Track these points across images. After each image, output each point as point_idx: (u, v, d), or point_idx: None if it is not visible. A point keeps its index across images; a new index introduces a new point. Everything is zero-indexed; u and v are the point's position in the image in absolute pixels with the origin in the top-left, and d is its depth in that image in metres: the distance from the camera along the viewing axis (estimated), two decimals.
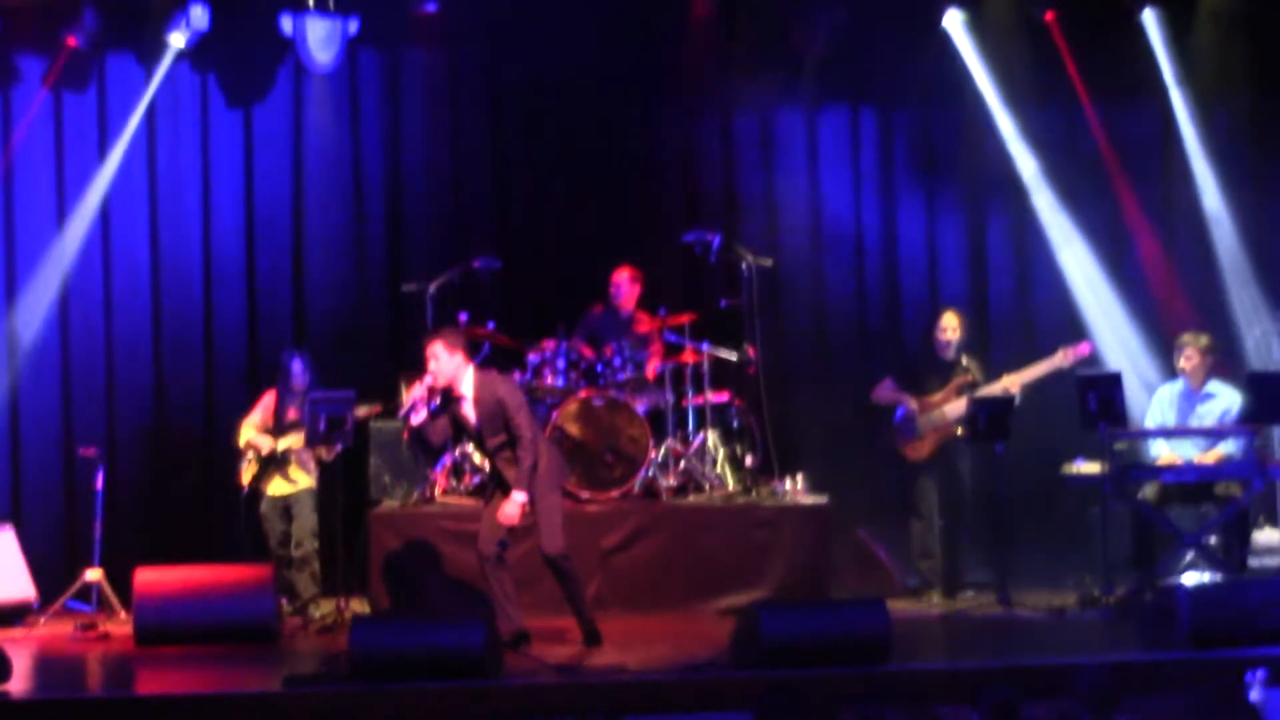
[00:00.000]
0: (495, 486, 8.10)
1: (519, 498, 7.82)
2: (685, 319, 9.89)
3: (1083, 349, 9.19)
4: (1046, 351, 9.29)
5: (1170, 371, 9.41)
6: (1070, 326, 10.42)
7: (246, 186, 10.54)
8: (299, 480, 9.09)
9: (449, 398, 7.98)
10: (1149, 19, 10.45)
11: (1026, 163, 10.60)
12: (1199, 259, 10.65)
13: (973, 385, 9.15)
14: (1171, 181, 10.73)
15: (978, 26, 10.54)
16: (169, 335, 10.42)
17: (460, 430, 8.13)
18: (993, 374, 9.42)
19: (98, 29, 9.98)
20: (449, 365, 7.89)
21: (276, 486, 9.09)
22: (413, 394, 7.92)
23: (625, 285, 10.02)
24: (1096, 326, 10.53)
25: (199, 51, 10.19)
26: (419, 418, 7.91)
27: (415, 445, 8.21)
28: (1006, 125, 10.60)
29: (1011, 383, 9.12)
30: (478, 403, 7.92)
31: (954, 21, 10.51)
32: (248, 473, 9.16)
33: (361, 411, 9.03)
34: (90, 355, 10.28)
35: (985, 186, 10.76)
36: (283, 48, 10.16)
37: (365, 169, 10.65)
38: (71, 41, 9.99)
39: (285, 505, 9.10)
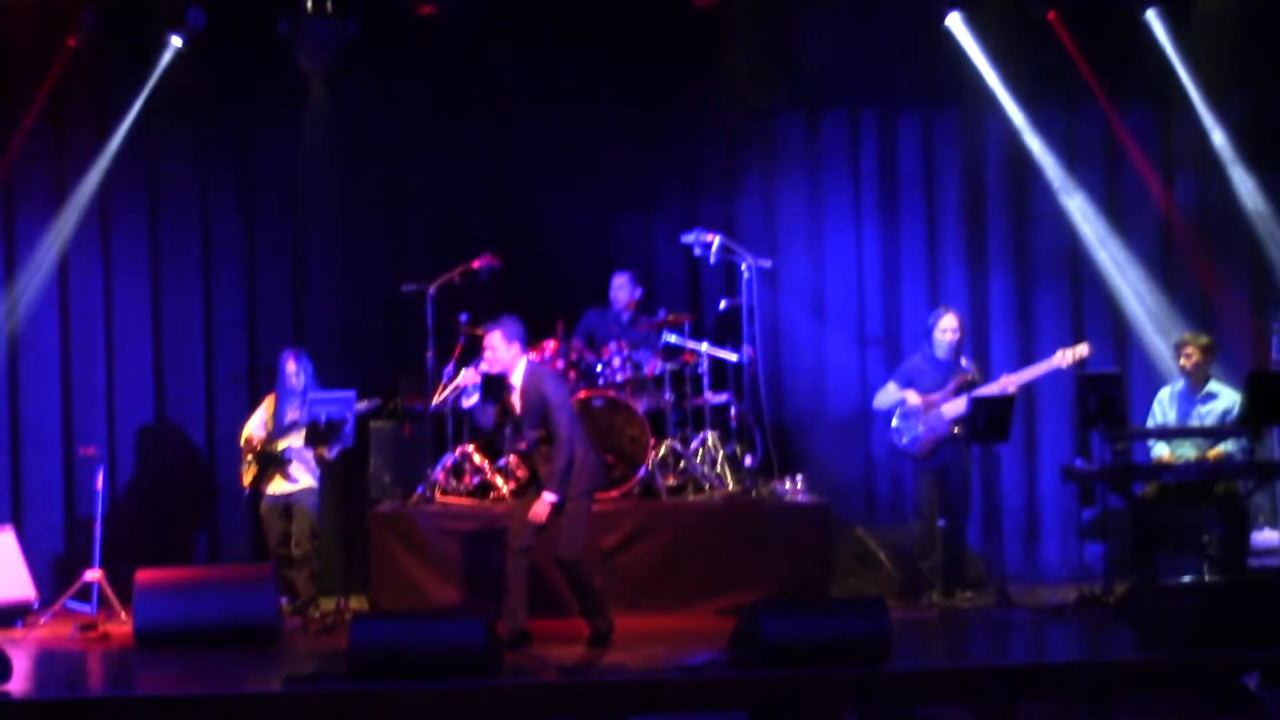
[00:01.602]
0: (530, 481, 8.19)
1: (549, 497, 7.88)
2: (684, 319, 9.90)
3: (1081, 350, 9.19)
4: (1047, 353, 9.29)
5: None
6: (1073, 326, 10.42)
7: (246, 186, 10.55)
8: (300, 480, 9.10)
9: (500, 385, 8.07)
10: (1152, 17, 10.44)
11: (1029, 160, 10.59)
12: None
13: (971, 385, 9.16)
14: (1184, 175, 10.70)
15: (979, 25, 10.54)
16: (169, 334, 10.43)
17: (507, 418, 8.19)
18: (992, 374, 9.43)
19: (97, 29, 9.98)
20: (504, 355, 8.03)
21: (277, 486, 9.10)
22: (464, 378, 8.11)
23: (625, 289, 10.07)
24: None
25: (198, 52, 10.20)
26: (469, 401, 8.08)
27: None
28: (1008, 124, 10.59)
29: (1010, 383, 9.13)
30: (523, 394, 8.04)
31: (955, 21, 10.50)
32: (248, 473, 9.18)
33: (361, 405, 9.06)
34: (90, 355, 10.28)
35: (986, 186, 10.75)
36: (281, 48, 10.15)
37: (365, 169, 10.65)
38: (71, 42, 9.99)
39: (286, 505, 9.10)
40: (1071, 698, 6.77)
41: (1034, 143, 10.56)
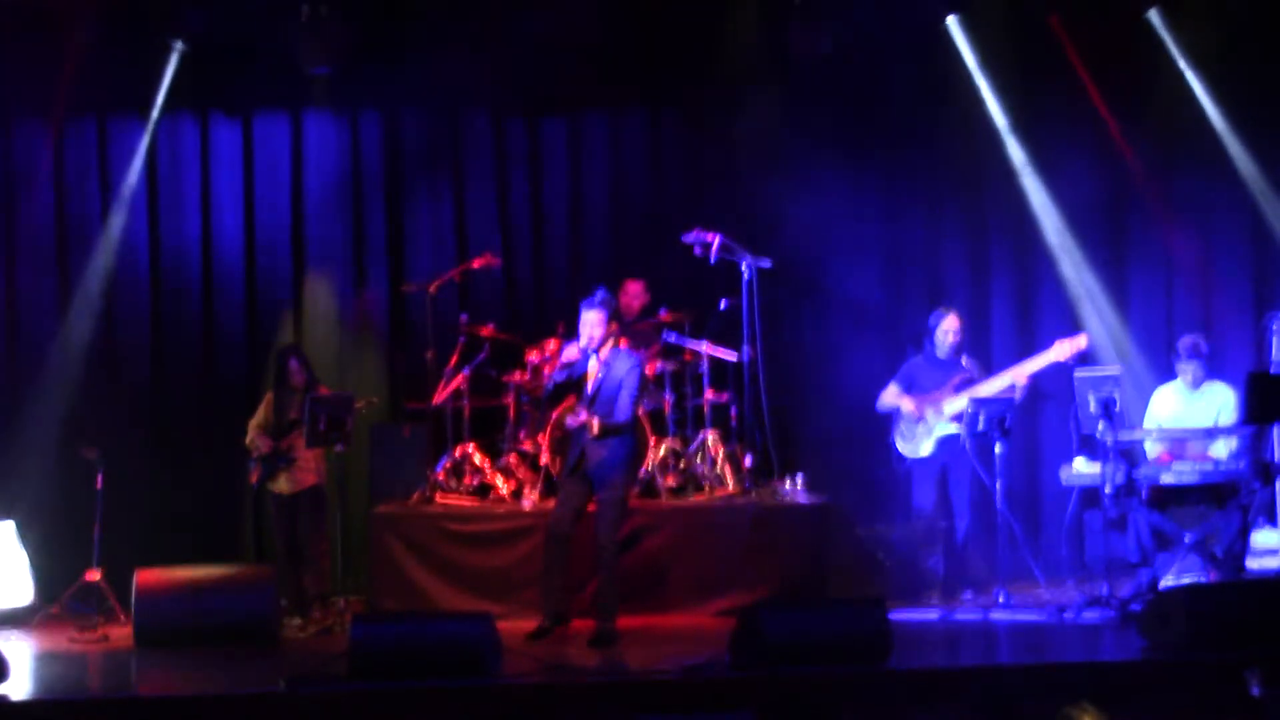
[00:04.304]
0: (576, 469, 8.28)
1: (596, 421, 8.16)
2: (684, 319, 9.90)
3: (1080, 341, 9.19)
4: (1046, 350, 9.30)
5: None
6: (1073, 323, 10.42)
7: (246, 187, 10.56)
8: (304, 479, 9.09)
9: (588, 359, 8.34)
10: (1154, 17, 10.44)
11: (1027, 160, 10.60)
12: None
13: (971, 382, 9.16)
14: (1185, 174, 10.70)
15: (978, 28, 10.54)
16: (169, 335, 10.45)
17: (576, 390, 8.39)
18: (992, 371, 9.42)
19: (100, 35, 9.99)
20: (600, 331, 8.32)
21: (283, 485, 9.10)
22: (568, 354, 8.33)
23: (637, 298, 10.09)
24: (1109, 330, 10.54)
25: (199, 53, 10.20)
26: (560, 376, 8.32)
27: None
28: (1005, 123, 10.60)
29: (1010, 378, 9.12)
30: (603, 365, 8.30)
31: (955, 23, 10.52)
32: (255, 472, 9.18)
33: (360, 404, 9.07)
34: (90, 355, 10.29)
35: (987, 185, 10.75)
36: (283, 51, 10.14)
37: (366, 168, 10.66)
38: (75, 49, 9.99)
39: (292, 503, 9.10)
40: (1071, 698, 6.76)
41: (1034, 139, 10.56)
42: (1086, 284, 10.58)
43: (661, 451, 9.51)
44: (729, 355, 9.79)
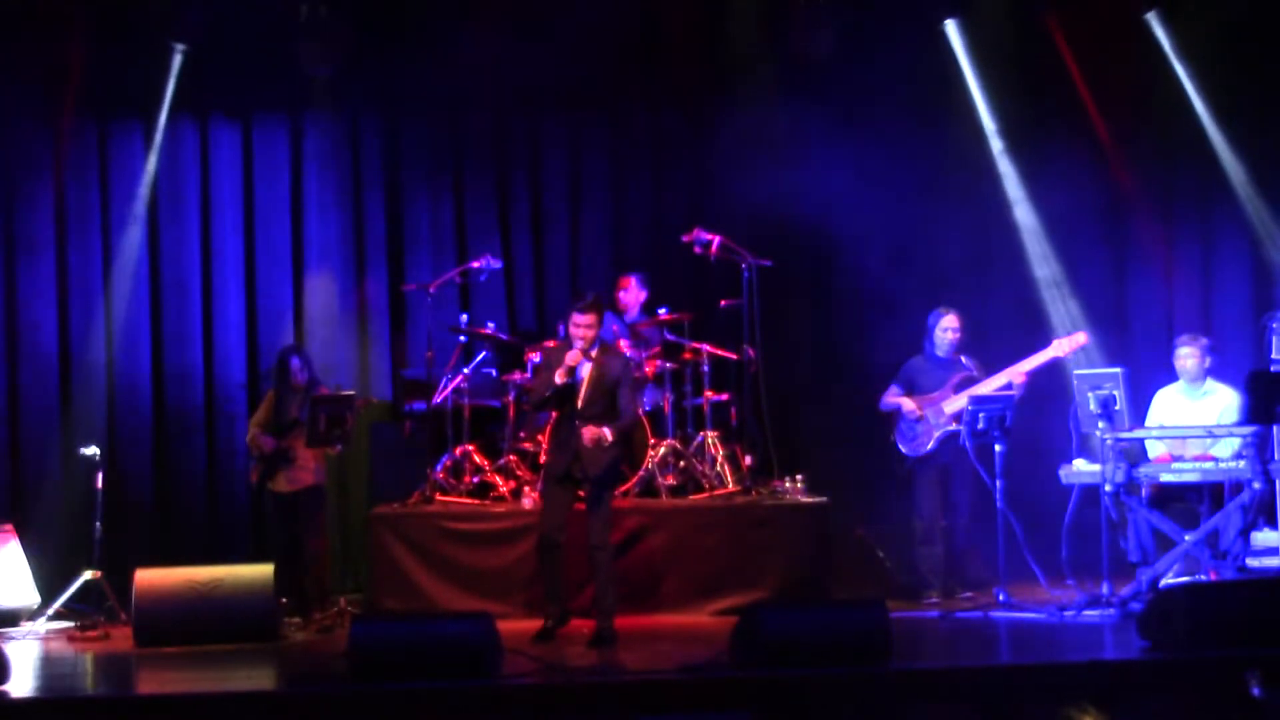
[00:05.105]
0: (566, 477, 8.23)
1: (609, 431, 8.08)
2: (685, 318, 9.90)
3: (1079, 338, 9.19)
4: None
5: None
6: (1072, 323, 10.43)
7: (247, 187, 10.57)
8: (303, 478, 9.09)
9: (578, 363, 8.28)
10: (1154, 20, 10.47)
11: (1026, 161, 10.62)
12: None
13: (971, 381, 9.16)
14: (1184, 175, 10.73)
15: (977, 30, 10.55)
16: (169, 335, 10.45)
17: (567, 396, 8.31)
18: (992, 371, 9.43)
19: (99, 37, 9.99)
20: (594, 333, 8.24)
21: (281, 484, 9.10)
22: (570, 359, 8.20)
23: (633, 293, 10.07)
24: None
25: (199, 55, 10.21)
26: (561, 380, 8.19)
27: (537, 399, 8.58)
28: (1006, 124, 10.63)
29: (1010, 376, 9.13)
30: (596, 365, 8.23)
31: (954, 24, 10.53)
32: (255, 471, 9.19)
33: (359, 402, 9.07)
34: (90, 355, 10.30)
35: (986, 185, 10.75)
36: (283, 51, 10.15)
37: (365, 168, 10.67)
38: (76, 51, 9.99)
39: (292, 503, 9.10)
40: (1072, 698, 6.76)
41: (1031, 140, 10.58)
42: (1085, 284, 10.60)
43: (661, 451, 9.51)
44: (729, 355, 9.78)
